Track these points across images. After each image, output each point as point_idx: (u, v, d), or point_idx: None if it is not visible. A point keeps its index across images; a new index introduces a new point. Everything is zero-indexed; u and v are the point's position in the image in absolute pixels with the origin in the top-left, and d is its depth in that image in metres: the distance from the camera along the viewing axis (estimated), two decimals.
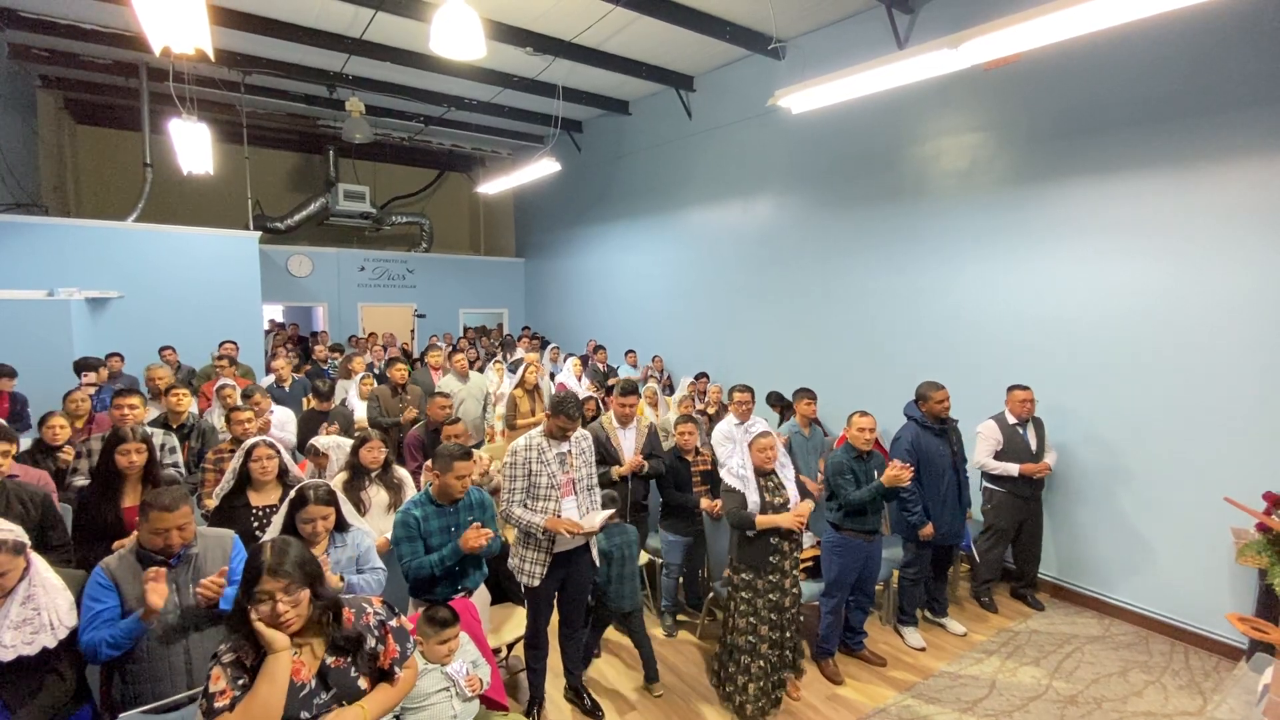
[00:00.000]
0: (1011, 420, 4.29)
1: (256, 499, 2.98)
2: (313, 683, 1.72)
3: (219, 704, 1.60)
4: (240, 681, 1.63)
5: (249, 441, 3.07)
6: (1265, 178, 3.64)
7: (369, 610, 1.88)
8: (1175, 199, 3.98)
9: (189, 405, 4.38)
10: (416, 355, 10.54)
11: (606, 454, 3.87)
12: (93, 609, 2.07)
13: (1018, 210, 4.74)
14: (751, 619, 3.20)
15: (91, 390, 4.96)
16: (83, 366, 5.53)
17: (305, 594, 1.72)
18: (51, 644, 1.97)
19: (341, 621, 1.80)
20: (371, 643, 1.83)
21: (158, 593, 2.05)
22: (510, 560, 3.13)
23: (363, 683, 1.81)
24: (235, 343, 6.79)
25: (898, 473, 3.28)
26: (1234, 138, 3.74)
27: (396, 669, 1.90)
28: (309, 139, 11.30)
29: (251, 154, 9.62)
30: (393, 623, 1.91)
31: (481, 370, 7.38)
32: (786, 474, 3.32)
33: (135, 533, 2.28)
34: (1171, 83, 3.95)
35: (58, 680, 2.05)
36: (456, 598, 2.74)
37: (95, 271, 7.28)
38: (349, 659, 1.80)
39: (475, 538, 2.69)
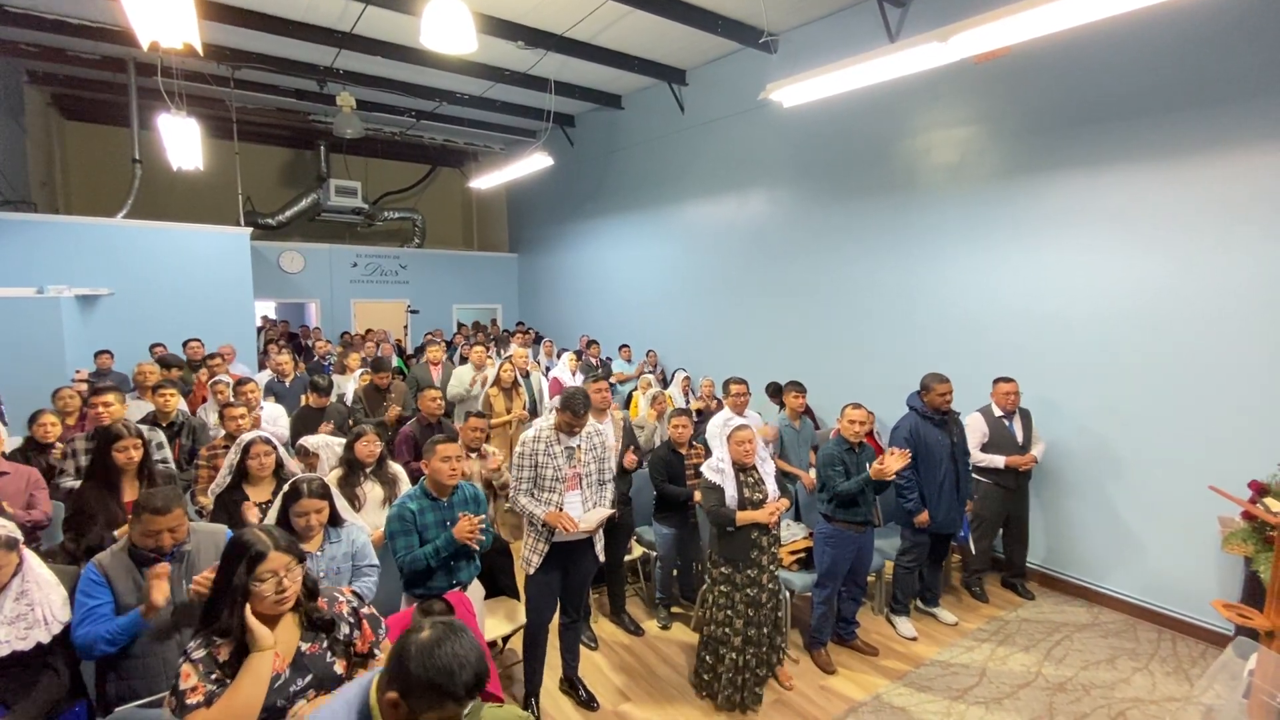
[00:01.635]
0: (997, 413, 4.33)
1: (254, 494, 2.99)
2: (287, 671, 1.74)
3: (191, 700, 1.58)
4: (213, 676, 1.62)
5: (245, 437, 3.08)
6: (1257, 170, 3.67)
7: (340, 599, 1.92)
8: (1166, 191, 4.01)
9: (176, 403, 4.37)
10: (410, 351, 10.51)
11: None
12: (86, 605, 2.07)
13: (1008, 203, 4.77)
14: (728, 612, 3.21)
15: (82, 387, 4.93)
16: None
17: (300, 571, 1.77)
18: (45, 639, 1.98)
19: (317, 599, 1.84)
20: (346, 629, 1.87)
21: (160, 590, 2.07)
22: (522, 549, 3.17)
23: (338, 667, 1.84)
24: (201, 340, 6.70)
25: (883, 467, 3.31)
26: (1225, 129, 3.76)
27: (376, 651, 1.94)
28: (300, 134, 11.23)
29: (242, 149, 9.56)
30: (364, 610, 1.96)
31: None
32: (766, 469, 3.34)
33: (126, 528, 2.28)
34: (1163, 74, 3.98)
35: (52, 675, 2.06)
36: (451, 591, 2.76)
37: (85, 268, 7.24)
38: (324, 645, 1.83)
39: (468, 529, 2.69)
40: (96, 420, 3.65)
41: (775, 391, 6.12)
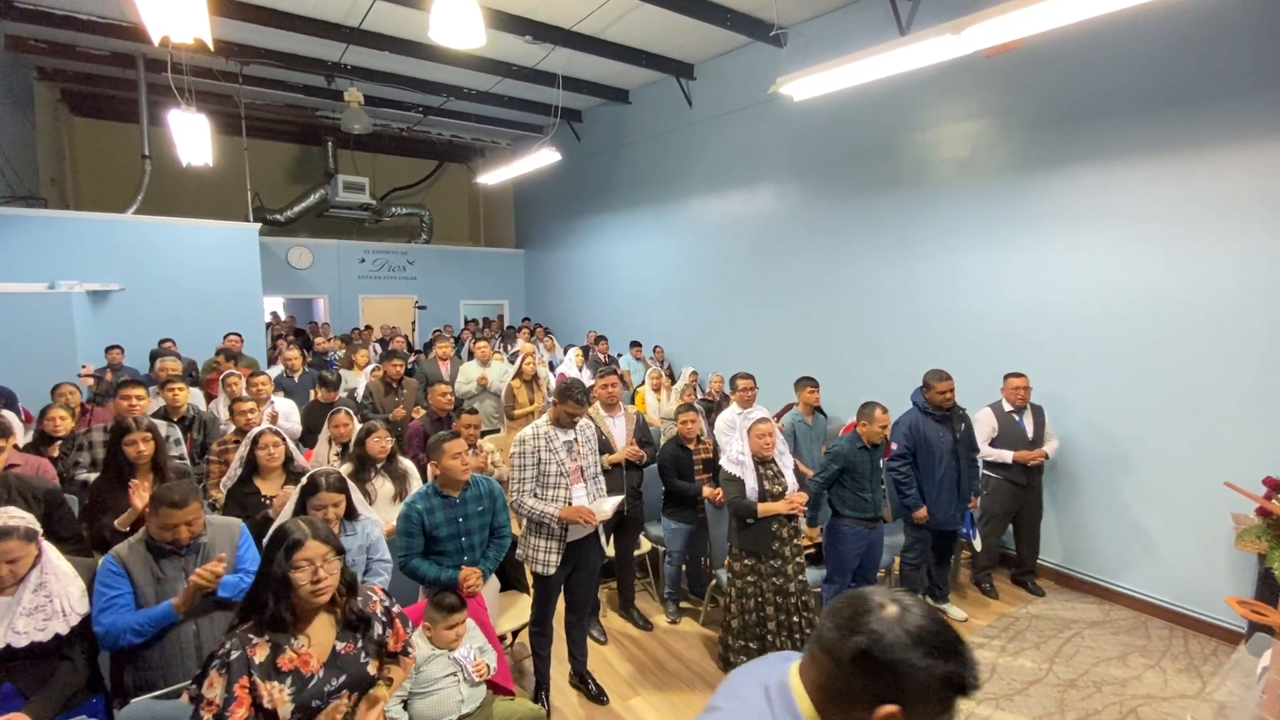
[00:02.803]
0: (1008, 408, 4.32)
1: (264, 487, 3.01)
2: (321, 671, 1.73)
3: (204, 714, 1.58)
4: (226, 696, 1.60)
5: (254, 430, 3.10)
6: (1268, 165, 3.63)
7: (374, 599, 1.93)
8: (1178, 186, 3.97)
9: (186, 398, 4.39)
10: (419, 347, 10.53)
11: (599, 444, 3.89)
12: (106, 595, 2.10)
13: (1019, 198, 4.74)
14: (758, 599, 3.24)
15: (88, 381, 4.96)
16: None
17: (338, 564, 1.76)
18: (64, 630, 2.00)
19: (356, 596, 1.85)
20: (379, 629, 1.87)
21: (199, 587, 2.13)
22: (519, 551, 3.15)
23: (371, 667, 1.84)
24: (240, 335, 6.77)
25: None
26: (1237, 124, 3.72)
27: (410, 649, 1.96)
28: (308, 130, 11.26)
29: (250, 146, 9.60)
30: (395, 609, 1.97)
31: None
32: (785, 462, 3.35)
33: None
34: (1174, 68, 3.93)
35: (70, 667, 2.07)
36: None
37: (96, 264, 7.29)
38: (358, 644, 1.82)
39: (467, 584, 2.65)
40: (128, 413, 3.67)
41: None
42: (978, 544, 4.37)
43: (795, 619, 3.27)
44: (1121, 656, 3.70)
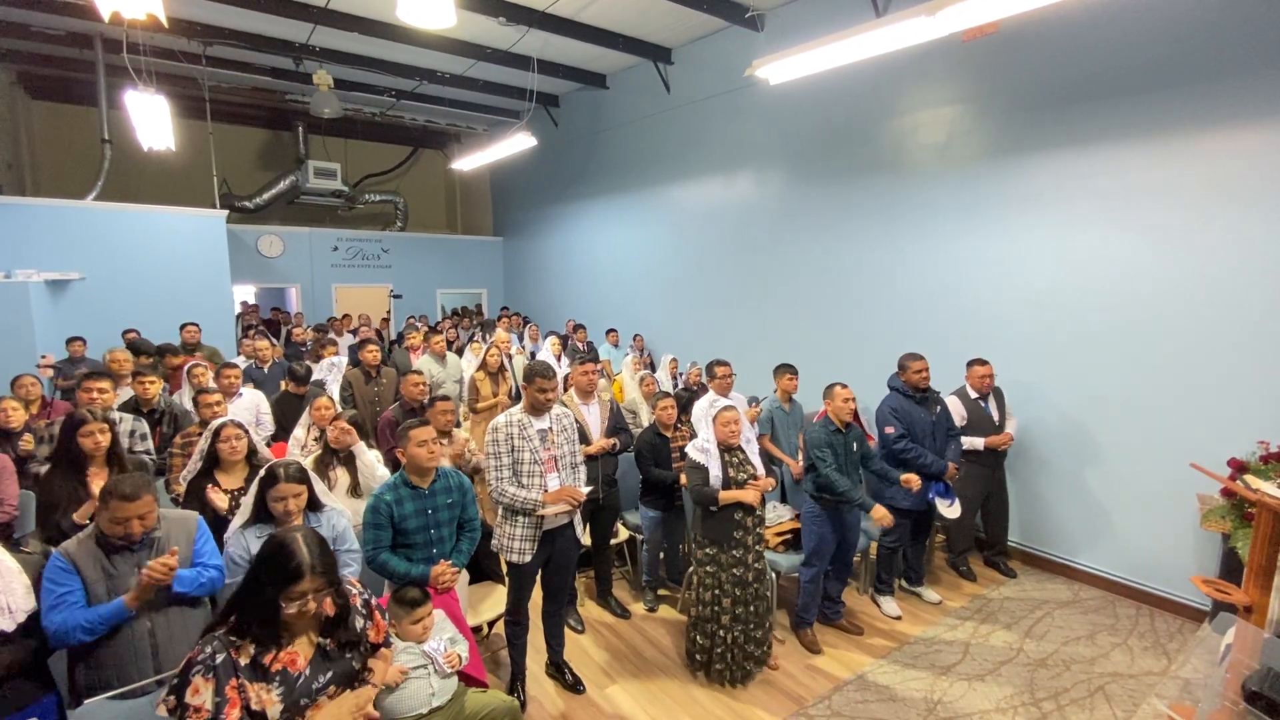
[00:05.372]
0: (973, 395, 4.35)
1: (225, 481, 2.92)
2: (308, 669, 1.72)
3: None
4: (218, 700, 1.55)
5: (216, 422, 3.01)
6: (1242, 149, 3.66)
7: (354, 592, 1.90)
8: (1153, 170, 3.99)
9: (158, 390, 4.26)
10: (392, 338, 10.35)
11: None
12: (55, 592, 2.02)
13: (995, 183, 4.75)
14: (715, 591, 3.22)
15: (48, 372, 4.79)
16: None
17: (329, 594, 1.73)
18: (8, 628, 1.93)
19: (346, 622, 1.82)
20: (360, 623, 1.86)
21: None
22: (494, 541, 3.10)
23: (355, 660, 1.84)
24: (198, 325, 6.54)
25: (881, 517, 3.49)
26: (1212, 109, 3.75)
27: (391, 640, 1.96)
28: (276, 114, 10.96)
29: (216, 130, 9.32)
30: (375, 601, 1.95)
31: (461, 353, 7.27)
32: (751, 449, 3.33)
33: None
34: (1150, 51, 3.95)
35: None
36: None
37: (55, 252, 7.05)
38: (342, 640, 1.81)
39: (444, 577, 2.62)
40: (92, 405, 3.55)
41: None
42: (956, 509, 4.29)
43: (750, 609, 3.25)
44: (1090, 635, 3.77)
